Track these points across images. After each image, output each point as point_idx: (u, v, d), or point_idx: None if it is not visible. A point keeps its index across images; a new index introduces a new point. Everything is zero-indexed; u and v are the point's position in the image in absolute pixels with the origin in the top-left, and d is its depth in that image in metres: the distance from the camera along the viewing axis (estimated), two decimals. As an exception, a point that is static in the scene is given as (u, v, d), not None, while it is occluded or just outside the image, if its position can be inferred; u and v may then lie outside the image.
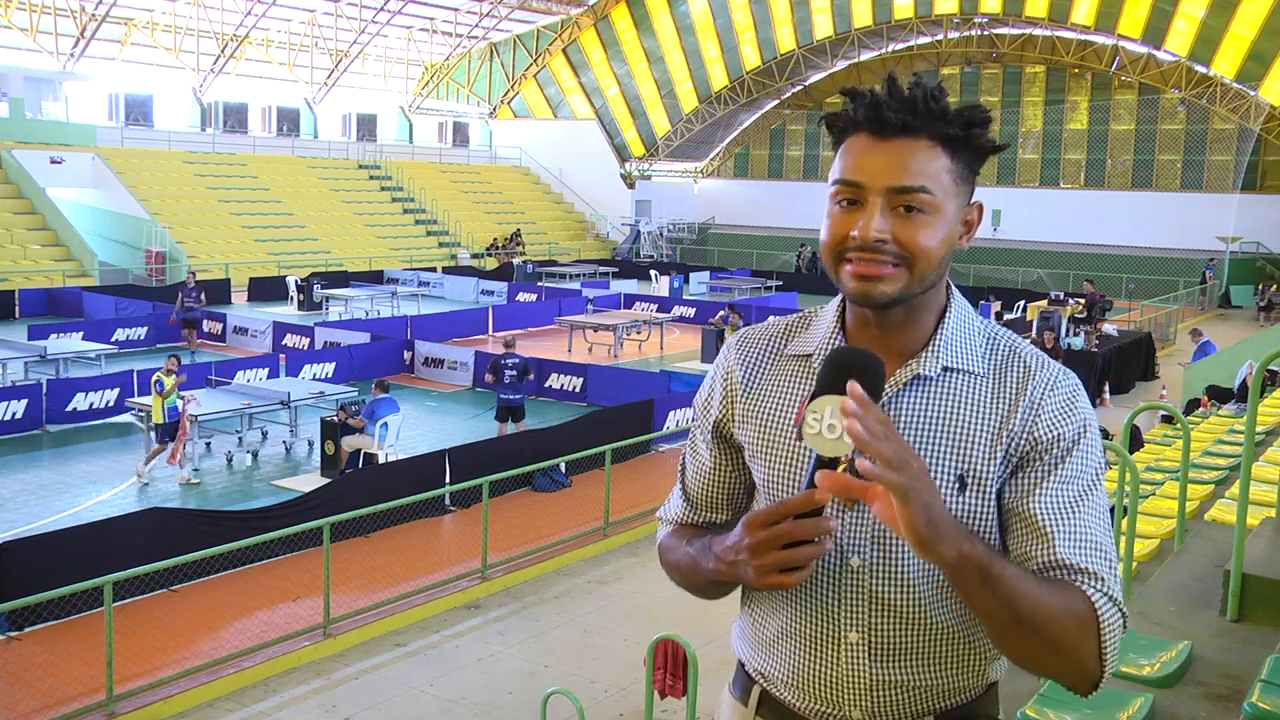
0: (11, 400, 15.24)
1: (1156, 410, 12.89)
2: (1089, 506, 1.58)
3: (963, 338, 1.66)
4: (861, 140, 1.57)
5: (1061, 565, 1.53)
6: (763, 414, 1.72)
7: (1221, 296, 37.06)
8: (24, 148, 34.14)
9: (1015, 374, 1.63)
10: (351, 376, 18.98)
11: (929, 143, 1.55)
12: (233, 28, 41.76)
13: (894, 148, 1.55)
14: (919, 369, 1.62)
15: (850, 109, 1.59)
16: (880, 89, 1.57)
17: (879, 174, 1.54)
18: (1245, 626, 4.29)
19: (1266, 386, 12.15)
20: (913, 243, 1.54)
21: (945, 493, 1.58)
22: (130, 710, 7.84)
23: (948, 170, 1.57)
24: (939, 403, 1.62)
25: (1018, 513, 1.58)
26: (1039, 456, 1.59)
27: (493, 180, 49.22)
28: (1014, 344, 1.67)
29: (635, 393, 17.10)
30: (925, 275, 1.57)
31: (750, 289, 35.35)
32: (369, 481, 11.75)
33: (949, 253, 1.60)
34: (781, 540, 1.46)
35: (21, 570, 8.89)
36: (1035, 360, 1.64)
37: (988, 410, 1.61)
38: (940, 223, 1.56)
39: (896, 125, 1.54)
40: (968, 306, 1.71)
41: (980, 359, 1.65)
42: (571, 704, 6.23)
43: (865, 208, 1.56)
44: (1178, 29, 39.11)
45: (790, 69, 47.77)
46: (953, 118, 1.56)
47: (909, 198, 1.54)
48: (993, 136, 1.61)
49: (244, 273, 32.81)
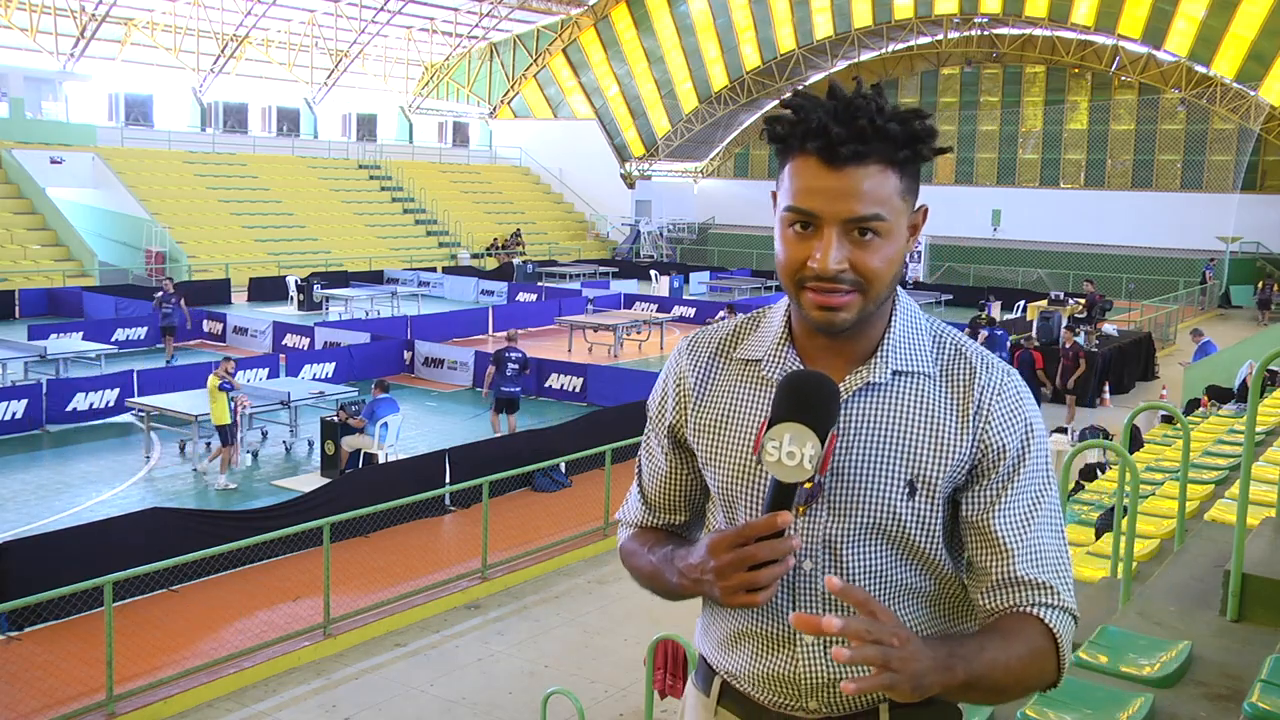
0: (11, 400, 15.24)
1: (1156, 410, 12.89)
2: (1042, 517, 1.64)
3: (910, 340, 1.67)
4: (811, 165, 1.56)
5: (1018, 582, 1.62)
6: (714, 421, 1.74)
7: (1221, 296, 37.07)
8: (24, 148, 34.15)
9: (962, 376, 1.65)
10: (351, 376, 18.98)
11: (879, 166, 1.55)
12: (233, 28, 41.77)
13: (846, 176, 1.54)
14: (869, 376, 1.64)
15: (796, 130, 1.57)
16: (825, 108, 1.54)
17: (833, 204, 1.54)
18: (1245, 626, 4.29)
19: (1266, 386, 12.15)
20: (868, 269, 1.56)
21: (895, 498, 1.61)
22: (130, 710, 7.84)
23: (897, 190, 1.57)
24: (889, 409, 1.64)
25: (976, 527, 1.65)
26: (992, 467, 1.63)
27: (493, 180, 49.23)
28: (959, 343, 1.69)
29: (635, 393, 17.09)
30: (879, 295, 1.60)
31: (750, 289, 35.38)
32: (369, 481, 11.74)
33: (902, 266, 1.63)
34: (746, 563, 1.51)
35: (21, 570, 8.89)
36: (979, 360, 1.66)
37: (936, 415, 1.63)
38: (893, 243, 1.58)
39: (848, 156, 1.53)
40: (913, 305, 1.72)
41: (929, 360, 1.67)
42: (571, 704, 6.22)
43: (820, 236, 1.56)
44: (1178, 29, 39.12)
45: (790, 69, 47.78)
46: (900, 139, 1.54)
47: (864, 224, 1.55)
48: (937, 144, 1.59)
49: (244, 273, 32.81)
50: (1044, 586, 1.61)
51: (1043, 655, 1.59)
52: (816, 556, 1.65)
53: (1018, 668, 1.56)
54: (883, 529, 1.62)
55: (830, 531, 1.63)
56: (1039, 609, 1.61)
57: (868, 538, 1.63)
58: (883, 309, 1.65)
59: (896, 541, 1.64)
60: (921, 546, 1.65)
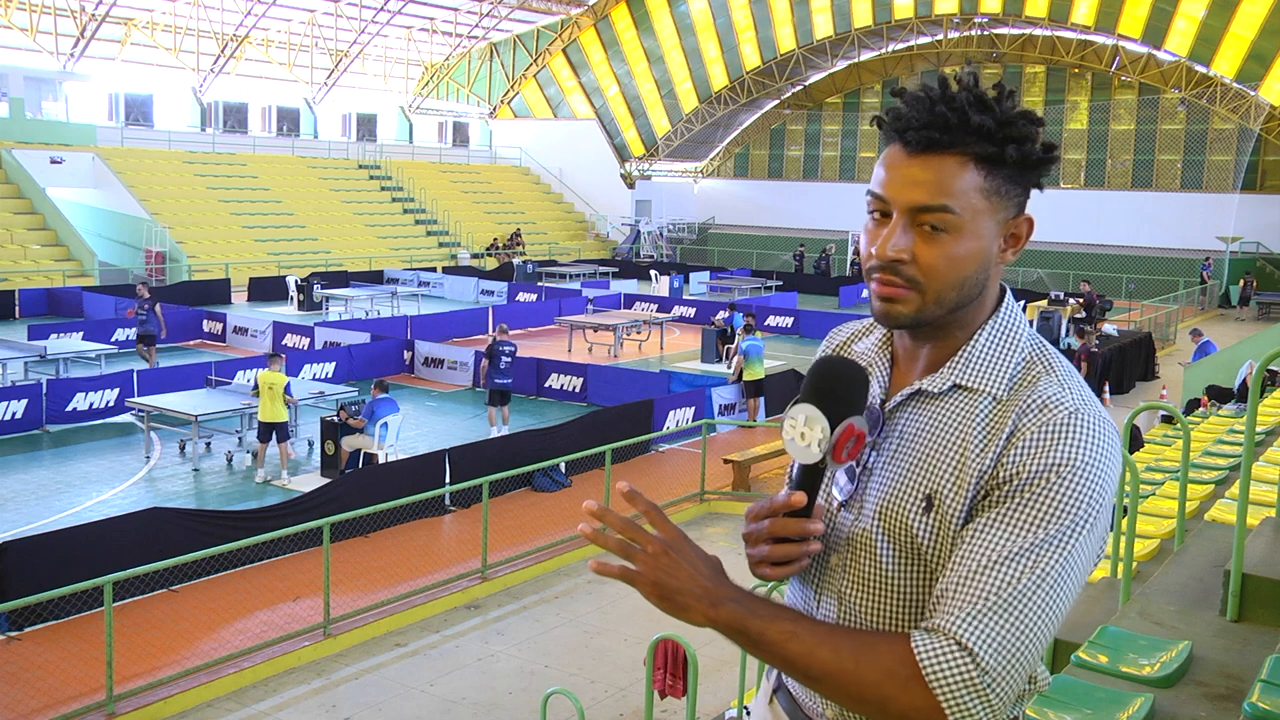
0: (11, 400, 15.24)
1: (1156, 410, 12.89)
2: (1022, 564, 1.39)
3: (994, 355, 1.57)
4: (894, 152, 1.54)
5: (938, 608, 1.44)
6: None
7: (1221, 296, 37.10)
8: (24, 148, 34.15)
9: (1020, 402, 1.51)
10: (351, 376, 18.98)
11: (959, 159, 1.50)
12: (233, 28, 41.76)
13: (920, 164, 1.51)
14: (924, 383, 1.59)
15: (890, 116, 1.55)
16: (921, 96, 1.52)
17: (902, 191, 1.51)
18: (1245, 626, 4.29)
19: (1266, 386, 12.15)
20: (928, 264, 1.51)
21: (910, 510, 1.54)
22: (130, 710, 7.84)
23: (978, 188, 1.50)
24: (931, 420, 1.57)
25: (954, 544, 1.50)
26: (995, 489, 1.46)
27: (493, 180, 49.23)
28: (1051, 369, 1.54)
29: (635, 393, 17.10)
30: (942, 297, 1.53)
31: (750, 289, 35.35)
32: (369, 481, 11.75)
33: (979, 272, 1.54)
34: (765, 535, 1.55)
35: (21, 570, 8.90)
36: (1051, 393, 1.49)
37: (970, 434, 1.52)
38: (965, 242, 1.51)
39: (920, 143, 1.50)
40: (1019, 321, 1.61)
41: (1004, 381, 1.54)
42: (571, 704, 6.22)
43: (891, 222, 1.53)
44: (1178, 29, 39.11)
45: (790, 69, 47.78)
46: (989, 132, 1.48)
47: (931, 216, 1.50)
48: (1039, 149, 1.52)
49: (244, 273, 32.82)
50: (940, 631, 1.39)
51: (885, 672, 1.39)
52: (843, 554, 1.63)
53: (828, 660, 1.40)
54: (894, 537, 1.57)
55: (852, 529, 1.61)
56: (923, 635, 1.41)
57: (881, 542, 1.58)
58: (971, 317, 1.58)
59: (907, 552, 1.57)
60: (932, 562, 1.55)
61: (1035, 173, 1.54)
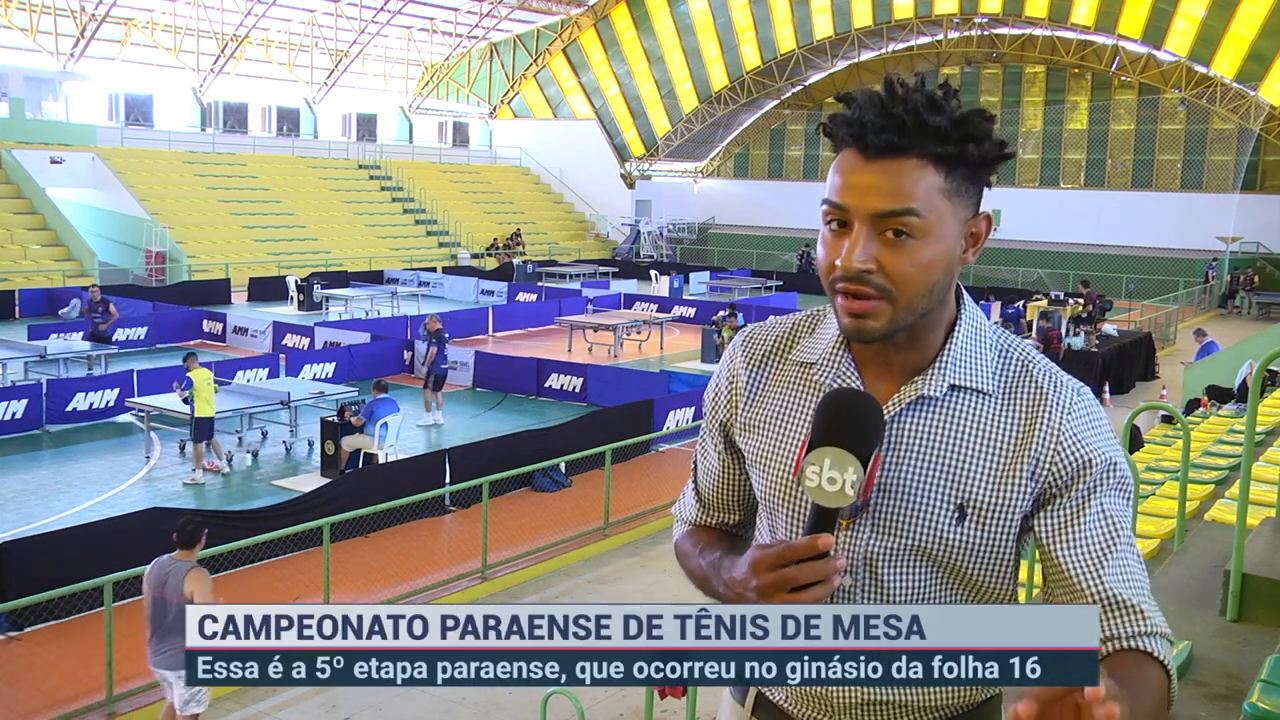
0: (11, 400, 15.23)
1: (1156, 410, 12.89)
2: (1125, 540, 1.53)
3: (973, 352, 1.58)
4: (850, 157, 1.50)
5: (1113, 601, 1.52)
6: (763, 422, 1.69)
7: (1222, 296, 37.11)
8: (24, 148, 34.13)
9: (1027, 395, 1.56)
10: (351, 376, 18.97)
11: (919, 161, 1.46)
12: (233, 28, 41.76)
13: (880, 168, 1.46)
14: (924, 389, 1.56)
15: (839, 121, 1.51)
16: (871, 100, 1.49)
17: (864, 198, 1.47)
18: (1245, 626, 4.29)
19: (1266, 386, 12.15)
20: (896, 272, 1.47)
21: (942, 521, 1.53)
22: (130, 710, 7.85)
23: (940, 189, 1.47)
24: (944, 426, 1.55)
25: (1055, 552, 1.54)
26: (1066, 489, 1.53)
27: (493, 180, 49.23)
28: (1026, 359, 1.60)
29: (635, 393, 17.09)
30: (913, 304, 1.50)
31: (750, 289, 35.36)
32: (369, 481, 11.75)
33: (947, 274, 1.52)
34: (788, 585, 1.41)
35: (21, 570, 8.89)
36: (1046, 379, 1.57)
37: (995, 436, 1.54)
38: (930, 245, 1.48)
39: (880, 146, 1.46)
40: (980, 316, 1.63)
41: (991, 376, 1.57)
42: (571, 704, 6.22)
43: (852, 232, 1.48)
44: (1178, 29, 39.12)
45: (790, 69, 47.78)
46: (946, 133, 1.46)
47: (895, 221, 1.46)
48: (995, 145, 1.50)
49: (244, 273, 32.80)
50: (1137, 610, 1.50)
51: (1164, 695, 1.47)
52: (856, 573, 1.59)
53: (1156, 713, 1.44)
54: (926, 551, 1.55)
55: (871, 549, 1.57)
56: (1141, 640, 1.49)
57: (910, 558, 1.56)
58: (939, 317, 1.57)
59: (940, 564, 1.56)
60: (968, 571, 1.57)
61: (990, 170, 1.53)
